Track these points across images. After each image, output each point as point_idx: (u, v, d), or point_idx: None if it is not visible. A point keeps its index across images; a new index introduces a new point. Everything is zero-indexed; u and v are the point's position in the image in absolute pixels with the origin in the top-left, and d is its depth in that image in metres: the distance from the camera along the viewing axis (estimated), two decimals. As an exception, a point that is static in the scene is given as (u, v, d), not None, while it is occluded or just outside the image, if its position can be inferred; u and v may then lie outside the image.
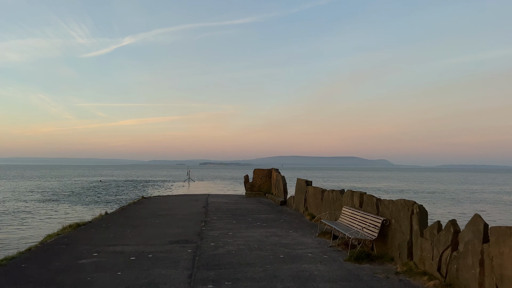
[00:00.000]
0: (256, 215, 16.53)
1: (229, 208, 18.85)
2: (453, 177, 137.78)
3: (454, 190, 63.60)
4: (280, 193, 23.36)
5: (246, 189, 27.32)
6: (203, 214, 16.40)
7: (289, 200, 20.66)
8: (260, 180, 27.21)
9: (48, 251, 9.36)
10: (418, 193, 54.79)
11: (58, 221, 22.75)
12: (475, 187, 74.42)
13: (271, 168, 27.38)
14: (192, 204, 20.96)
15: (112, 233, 11.77)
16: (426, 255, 7.29)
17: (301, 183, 18.25)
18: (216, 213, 16.81)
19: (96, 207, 31.93)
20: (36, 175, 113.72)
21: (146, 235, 11.55)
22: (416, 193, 55.83)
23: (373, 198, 9.86)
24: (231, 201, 22.70)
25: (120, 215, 16.09)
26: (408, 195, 50.30)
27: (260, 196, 26.48)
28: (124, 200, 37.95)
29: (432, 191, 61.01)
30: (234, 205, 20.74)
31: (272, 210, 18.33)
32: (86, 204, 35.40)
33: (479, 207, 37.76)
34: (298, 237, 11.40)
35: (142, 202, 22.51)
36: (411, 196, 49.92)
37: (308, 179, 18.08)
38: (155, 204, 21.03)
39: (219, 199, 24.48)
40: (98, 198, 40.89)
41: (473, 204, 41.12)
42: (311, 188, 16.49)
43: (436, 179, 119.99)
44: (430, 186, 73.82)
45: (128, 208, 18.91)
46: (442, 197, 50.35)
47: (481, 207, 37.33)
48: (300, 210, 17.92)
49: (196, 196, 26.69)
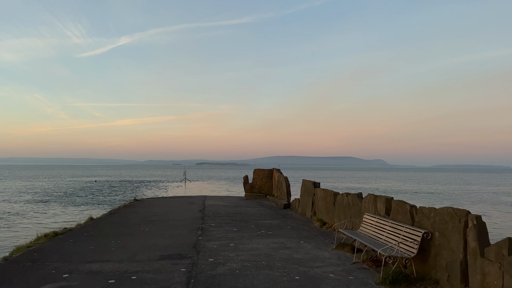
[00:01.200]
0: (259, 220, 14.81)
1: (228, 212, 17.12)
2: (449, 177, 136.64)
3: (452, 190, 62.28)
4: (282, 195, 21.65)
5: (246, 191, 25.60)
6: (199, 220, 14.67)
7: (293, 203, 18.95)
8: (261, 181, 25.50)
9: (6, 272, 7.58)
10: (417, 194, 53.25)
11: (44, 225, 20.99)
12: (472, 187, 73.08)
13: (272, 168, 25.68)
14: (187, 207, 19.22)
15: (92, 245, 10.01)
16: (492, 282, 5.59)
17: (308, 185, 16.55)
18: (214, 219, 15.07)
19: (87, 209, 30.28)
20: (30, 175, 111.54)
21: (132, 247, 9.80)
22: (415, 193, 54.29)
23: (406, 205, 8.16)
24: (230, 204, 20.98)
25: (107, 221, 14.33)
26: (407, 196, 48.77)
27: (260, 198, 24.77)
28: (117, 202, 36.53)
29: (430, 191, 59.53)
30: (233, 208, 19.02)
31: (275, 215, 16.62)
32: (77, 205, 33.90)
33: (479, 208, 36.39)
34: (312, 249, 9.69)
35: (133, 205, 20.74)
36: (411, 196, 48.39)
37: (316, 180, 16.37)
38: (147, 207, 19.27)
39: (217, 201, 22.74)
40: (90, 199, 39.28)
41: (473, 205, 39.92)
42: (320, 191, 14.78)
43: (433, 179, 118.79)
44: (428, 187, 72.38)
45: (117, 213, 17.13)
46: (441, 197, 48.96)
47: (481, 208, 35.96)
48: (307, 215, 16.22)
49: (192, 198, 24.95)
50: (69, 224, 20.89)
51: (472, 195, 52.35)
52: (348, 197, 11.80)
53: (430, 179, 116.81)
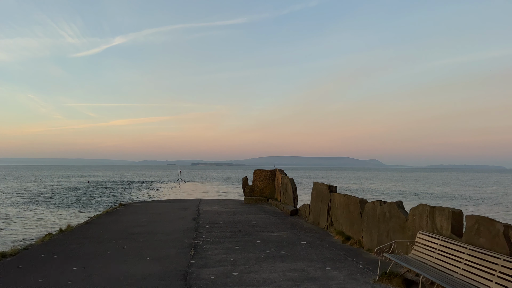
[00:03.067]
0: (265, 232, 12.19)
1: (227, 221, 14.47)
2: (445, 177, 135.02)
3: (451, 191, 60.21)
4: (288, 200, 19.04)
5: (245, 194, 22.95)
6: (192, 232, 12.01)
7: (302, 209, 16.33)
8: (262, 183, 22.86)
9: None
10: (415, 195, 50.85)
11: (10, 236, 18.24)
12: (470, 188, 71.03)
13: (275, 168, 23.04)
14: (179, 214, 16.54)
15: (43, 275, 7.33)
16: None
17: (322, 189, 13.95)
18: (210, 230, 12.42)
19: (69, 213, 27.94)
20: (20, 176, 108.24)
21: (98, 279, 7.14)
22: (413, 194, 51.89)
23: (495, 224, 5.56)
24: (228, 210, 18.34)
25: (79, 234, 11.64)
26: (403, 197, 46.40)
27: (262, 203, 22.13)
28: (104, 204, 33.93)
29: (427, 192, 57.21)
30: (232, 215, 16.38)
31: (283, 224, 13.99)
32: (64, 208, 31.59)
33: (483, 209, 34.22)
34: (346, 282, 7.04)
35: (117, 211, 18.03)
36: (410, 198, 45.99)
37: (331, 184, 13.76)
38: (133, 214, 16.57)
39: (214, 206, 20.09)
40: (76, 202, 36.67)
41: (477, 206, 37.94)
42: (339, 197, 12.18)
43: (429, 179, 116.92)
44: (424, 187, 70.12)
45: (95, 222, 14.42)
46: (440, 198, 46.73)
47: (485, 209, 33.74)
48: (321, 225, 13.61)
49: (186, 202, 22.27)
50: (41, 232, 18.20)
51: (472, 196, 50.06)
52: (383, 207, 9.20)
53: (426, 179, 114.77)
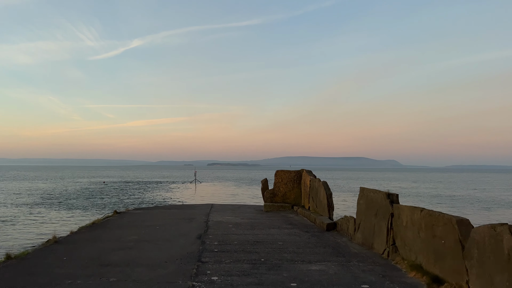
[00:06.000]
0: (300, 263, 8.29)
1: (243, 241, 10.60)
2: (467, 178, 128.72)
3: (477, 193, 55.29)
4: (320, 209, 15.07)
5: (265, 199, 19.08)
6: (193, 263, 8.18)
7: (342, 223, 12.33)
8: (285, 186, 18.96)
9: None
10: (459, 200, 46.04)
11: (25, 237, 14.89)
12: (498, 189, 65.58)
13: (301, 169, 19.12)
14: (182, 228, 12.76)
15: None
16: None
17: (376, 198, 9.96)
18: (220, 259, 8.56)
19: (73, 216, 26.43)
20: (37, 176, 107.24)
21: None
22: (454, 199, 47.08)
23: None
24: (244, 221, 14.49)
25: (24, 268, 7.95)
26: (430, 200, 41.76)
27: (285, 210, 18.23)
28: (113, 205, 32.17)
29: (452, 194, 52.23)
30: (250, 229, 12.53)
31: (321, 246, 10.06)
32: (71, 209, 30.46)
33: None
34: None
35: (106, 222, 14.39)
36: (453, 203, 41.31)
37: (390, 191, 9.74)
38: (123, 228, 12.88)
39: (227, 215, 16.28)
40: (83, 204, 34.89)
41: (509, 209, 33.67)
42: (410, 212, 8.18)
43: (452, 179, 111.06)
44: (462, 190, 64.95)
45: (67, 241, 10.74)
46: (468, 200, 42.12)
47: None
48: (375, 249, 9.64)
49: (194, 209, 18.53)
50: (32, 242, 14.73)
51: (502, 198, 45.10)
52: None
53: (451, 179, 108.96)
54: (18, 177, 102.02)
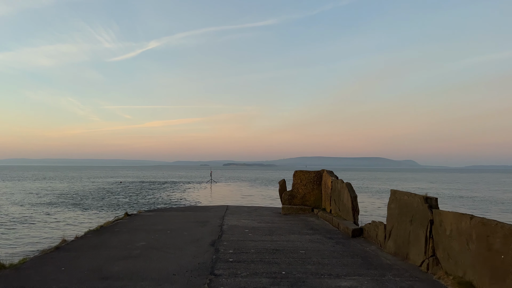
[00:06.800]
0: (327, 278, 7.21)
1: (261, 249, 9.57)
2: (489, 178, 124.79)
3: (499, 194, 52.93)
4: (344, 212, 13.94)
5: (283, 201, 18.01)
6: (204, 276, 7.19)
7: (370, 229, 11.18)
8: (304, 188, 17.86)
9: None
10: (461, 199, 44.03)
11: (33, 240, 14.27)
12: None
13: (321, 169, 17.99)
14: (194, 233, 11.81)
15: None
16: None
17: (411, 202, 8.82)
18: (235, 271, 7.55)
19: (91, 215, 26.52)
20: (55, 176, 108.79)
21: None
22: (458, 198, 45.05)
23: None
24: (262, 225, 13.48)
25: (18, 278, 7.11)
26: (451, 201, 39.87)
27: (305, 213, 17.14)
28: (126, 207, 31.43)
29: (473, 195, 49.99)
30: (269, 235, 11.49)
31: (349, 256, 8.96)
32: (85, 209, 30.26)
33: None
34: None
35: (115, 226, 13.56)
36: (467, 203, 39.42)
37: (428, 194, 8.57)
38: (132, 232, 12.00)
39: (243, 218, 15.30)
40: (102, 203, 35.10)
41: None
42: (456, 219, 7.03)
43: (472, 180, 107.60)
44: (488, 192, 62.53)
45: (69, 248, 9.90)
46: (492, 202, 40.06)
47: None
48: (411, 259, 8.50)
49: (209, 212, 17.59)
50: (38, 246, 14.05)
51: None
52: None
53: (473, 179, 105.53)
54: (37, 177, 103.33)
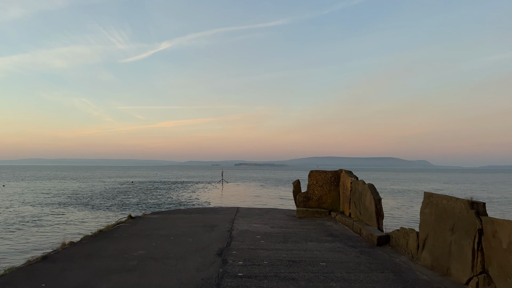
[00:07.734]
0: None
1: (276, 260, 8.32)
2: (504, 179, 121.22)
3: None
4: (366, 217, 12.60)
5: (298, 204, 16.72)
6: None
7: (399, 237, 9.83)
8: (321, 189, 16.54)
9: None
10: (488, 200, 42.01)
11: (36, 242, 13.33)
12: None
13: (339, 169, 16.66)
14: (200, 240, 10.61)
15: None
16: None
17: (452, 208, 7.48)
18: (245, 289, 6.37)
19: (98, 216, 25.56)
20: (68, 176, 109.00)
21: None
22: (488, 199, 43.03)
23: None
24: (275, 231, 12.23)
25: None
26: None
27: (322, 217, 15.83)
28: (133, 207, 30.56)
29: (489, 196, 47.85)
30: (283, 243, 10.24)
31: (379, 271, 7.65)
32: (94, 209, 29.34)
33: None
34: None
35: (115, 231, 12.44)
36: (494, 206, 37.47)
37: (477, 199, 7.23)
38: (132, 238, 10.85)
39: (254, 221, 14.07)
40: (111, 203, 34.19)
41: None
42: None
43: (487, 180, 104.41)
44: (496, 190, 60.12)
45: (57, 258, 8.80)
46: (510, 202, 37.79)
47: None
48: (453, 275, 7.16)
49: (218, 214, 16.41)
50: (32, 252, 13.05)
51: None
52: None
53: (488, 180, 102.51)
54: (50, 176, 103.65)
